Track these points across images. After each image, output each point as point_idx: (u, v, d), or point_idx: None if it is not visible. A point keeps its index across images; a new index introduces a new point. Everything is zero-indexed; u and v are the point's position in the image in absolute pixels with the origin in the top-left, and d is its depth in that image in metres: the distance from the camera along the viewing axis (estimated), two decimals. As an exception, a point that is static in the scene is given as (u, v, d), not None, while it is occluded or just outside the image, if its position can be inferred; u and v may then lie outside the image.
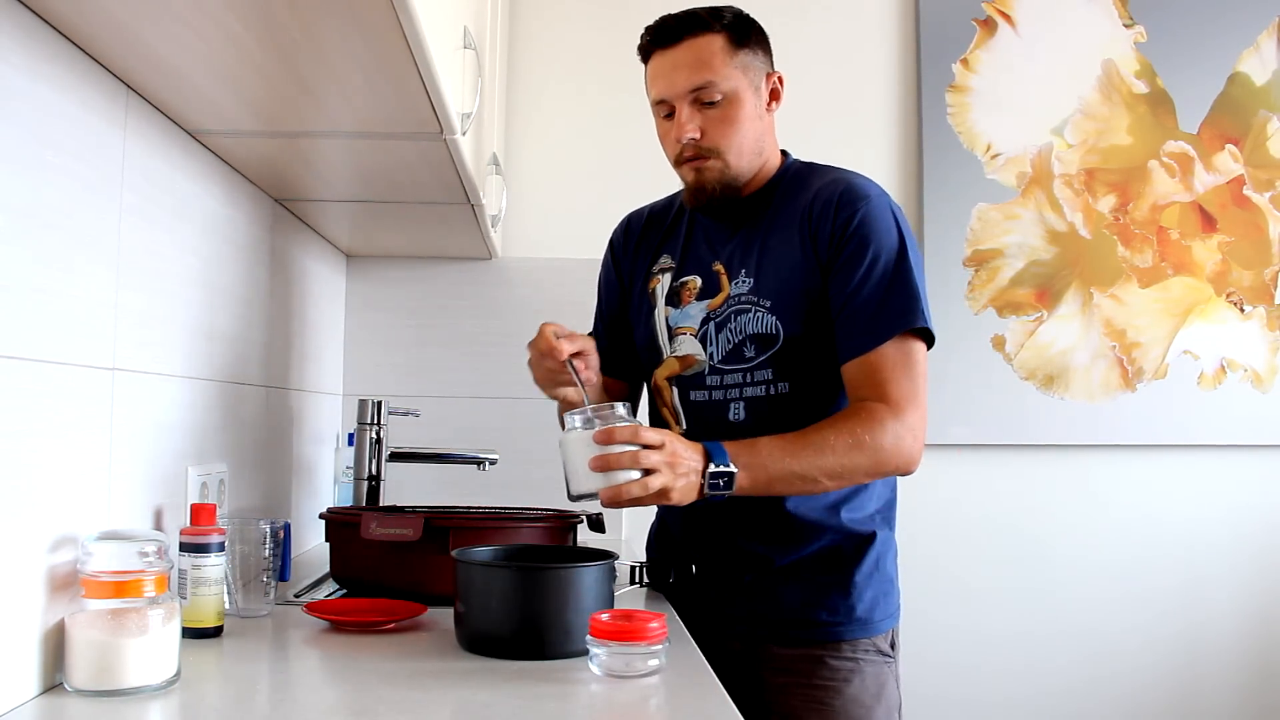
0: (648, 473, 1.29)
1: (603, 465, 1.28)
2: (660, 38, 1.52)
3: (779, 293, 1.50)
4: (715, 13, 1.52)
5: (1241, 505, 2.68)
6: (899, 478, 1.52)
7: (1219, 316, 2.66)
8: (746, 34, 1.52)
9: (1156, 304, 2.65)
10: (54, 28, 1.08)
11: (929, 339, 1.47)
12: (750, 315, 1.51)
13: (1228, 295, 2.66)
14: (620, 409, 1.34)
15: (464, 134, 1.53)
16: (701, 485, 1.33)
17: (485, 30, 1.92)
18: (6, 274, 1.00)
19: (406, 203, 1.98)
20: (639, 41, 1.55)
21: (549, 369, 1.45)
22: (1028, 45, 2.67)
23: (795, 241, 1.50)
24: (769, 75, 1.55)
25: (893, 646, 1.55)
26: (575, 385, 1.43)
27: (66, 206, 1.12)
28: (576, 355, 1.43)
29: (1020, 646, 2.63)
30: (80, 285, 1.15)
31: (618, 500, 1.28)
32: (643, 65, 1.57)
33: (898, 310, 1.44)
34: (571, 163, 2.66)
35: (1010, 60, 2.68)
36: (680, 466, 1.31)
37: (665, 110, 1.54)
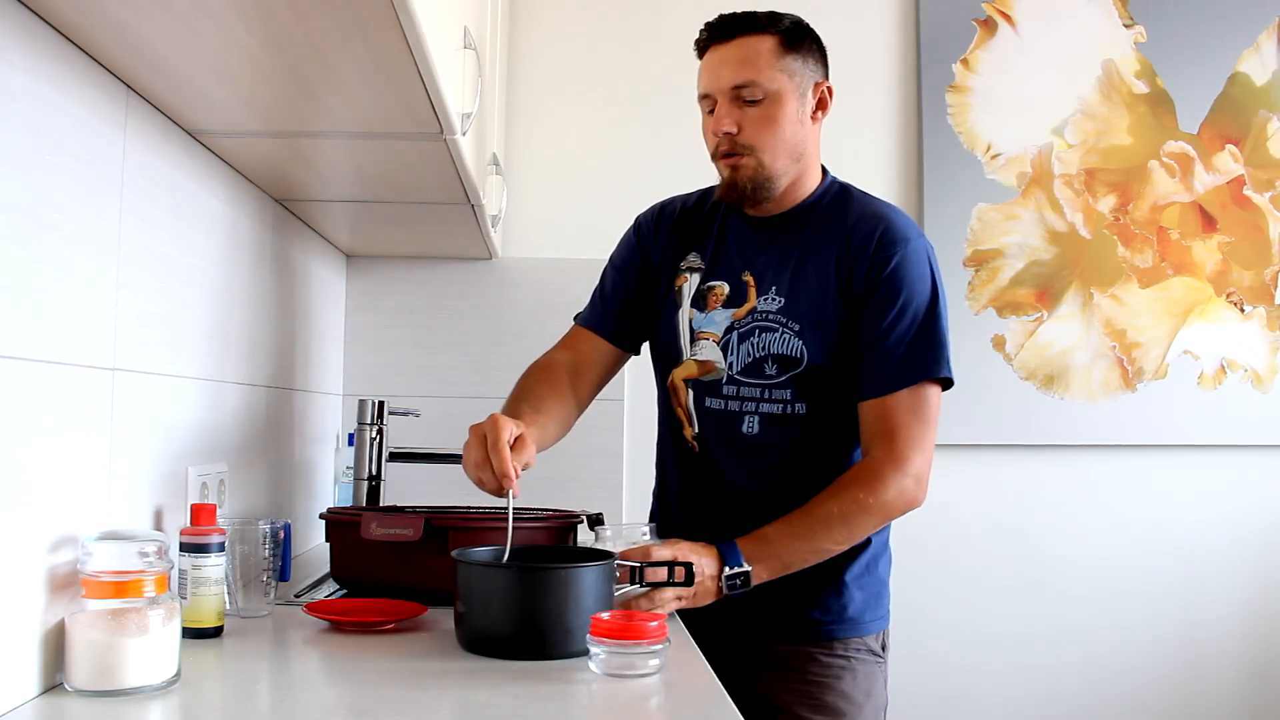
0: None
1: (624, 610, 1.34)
2: (715, 34, 1.54)
3: (809, 319, 1.52)
4: (774, 17, 1.53)
5: (1241, 505, 2.68)
6: None
7: (1219, 316, 2.66)
8: (800, 39, 1.53)
9: (1156, 304, 2.65)
10: (54, 28, 1.08)
11: (947, 382, 1.52)
12: (777, 335, 1.53)
13: (1228, 295, 2.66)
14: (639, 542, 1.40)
15: (464, 134, 1.53)
16: (719, 589, 1.40)
17: (485, 30, 1.92)
18: (6, 274, 1.00)
19: (406, 203, 1.98)
20: (697, 36, 1.56)
21: (487, 480, 1.34)
22: (1028, 45, 2.67)
23: (831, 271, 1.53)
24: (818, 84, 1.55)
25: (883, 648, 1.59)
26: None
27: (66, 206, 1.12)
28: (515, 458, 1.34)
29: (1020, 646, 2.63)
30: (80, 285, 1.15)
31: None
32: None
33: (921, 359, 1.49)
34: (571, 163, 2.66)
35: (1010, 60, 2.67)
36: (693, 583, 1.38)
37: (709, 105, 1.55)
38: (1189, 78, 2.67)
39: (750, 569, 1.41)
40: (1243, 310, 2.66)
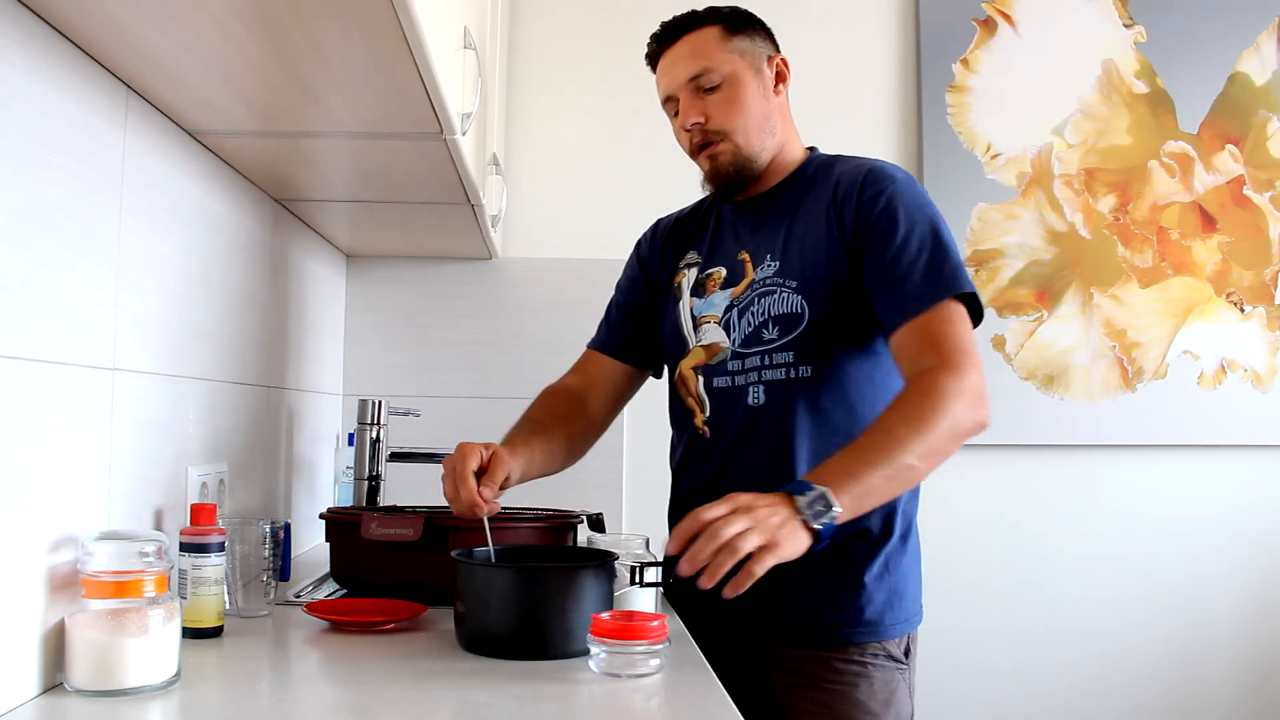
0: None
1: (691, 563, 1.20)
2: (662, 40, 1.58)
3: (805, 273, 1.49)
4: (713, 10, 1.57)
5: (1241, 505, 2.68)
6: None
7: (1219, 316, 2.66)
8: (742, 23, 1.56)
9: (1156, 304, 2.65)
10: (54, 28, 1.08)
11: (975, 314, 1.42)
12: (775, 296, 1.51)
13: (1228, 295, 2.66)
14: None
15: (464, 134, 1.53)
16: (804, 523, 1.22)
17: (485, 30, 1.92)
18: (6, 274, 1.00)
19: (406, 203, 1.98)
20: (646, 50, 1.60)
21: (462, 510, 1.35)
22: (1028, 45, 2.67)
23: (822, 224, 1.50)
24: (771, 58, 1.57)
25: (907, 654, 1.51)
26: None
27: (66, 206, 1.12)
28: (488, 480, 1.36)
29: (1020, 646, 2.63)
30: (80, 285, 1.15)
31: (715, 577, 1.18)
32: (649, 70, 1.61)
33: (939, 278, 1.40)
34: (571, 163, 2.66)
35: (1010, 60, 2.67)
36: (760, 512, 1.21)
37: (673, 108, 1.57)
38: (1189, 78, 2.67)
39: (824, 489, 1.23)
40: (1243, 310, 2.66)
